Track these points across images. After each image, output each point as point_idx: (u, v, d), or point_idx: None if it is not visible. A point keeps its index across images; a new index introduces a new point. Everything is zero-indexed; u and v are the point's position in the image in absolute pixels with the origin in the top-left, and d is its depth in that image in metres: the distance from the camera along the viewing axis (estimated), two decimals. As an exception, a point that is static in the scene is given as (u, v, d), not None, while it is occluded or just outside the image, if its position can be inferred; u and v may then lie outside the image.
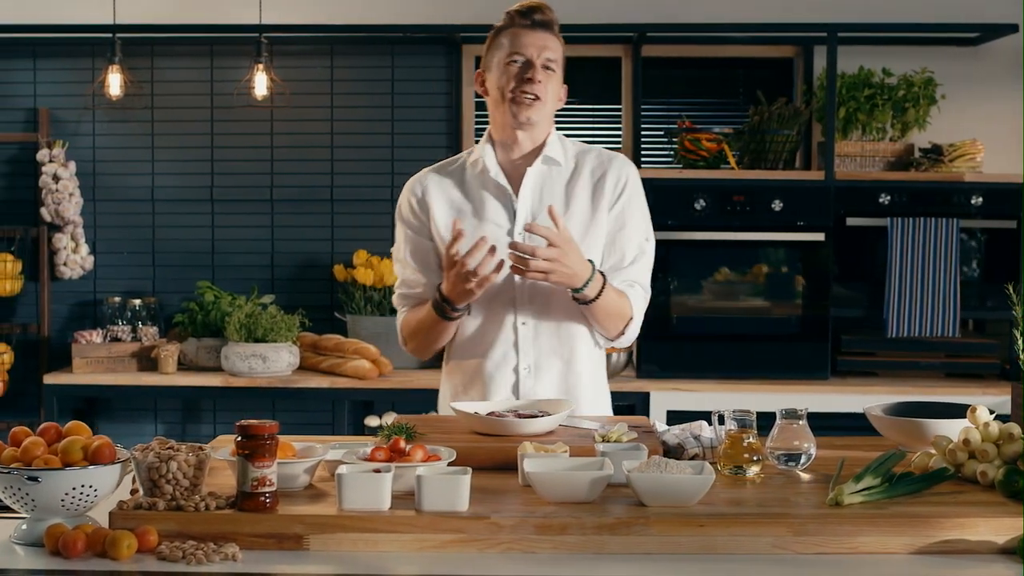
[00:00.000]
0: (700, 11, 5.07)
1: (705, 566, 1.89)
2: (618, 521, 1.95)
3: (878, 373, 4.79)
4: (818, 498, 2.10)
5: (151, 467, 2.04)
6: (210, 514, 1.98)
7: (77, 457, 2.03)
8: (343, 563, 1.91)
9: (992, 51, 5.03)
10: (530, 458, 2.13)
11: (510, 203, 2.75)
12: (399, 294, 2.86)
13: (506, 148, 2.77)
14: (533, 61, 2.67)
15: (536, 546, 1.94)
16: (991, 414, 2.38)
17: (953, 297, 4.58)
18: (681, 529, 1.94)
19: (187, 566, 1.87)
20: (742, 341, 4.70)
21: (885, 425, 2.51)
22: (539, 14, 2.71)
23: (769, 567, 1.89)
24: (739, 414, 2.30)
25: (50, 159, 5.13)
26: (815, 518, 1.97)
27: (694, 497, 2.02)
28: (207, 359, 4.89)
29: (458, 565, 1.90)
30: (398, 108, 5.25)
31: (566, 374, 2.76)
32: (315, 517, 1.97)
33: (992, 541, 1.95)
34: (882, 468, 2.14)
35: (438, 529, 1.95)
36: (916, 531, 1.95)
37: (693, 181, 4.66)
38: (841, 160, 4.80)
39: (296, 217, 5.28)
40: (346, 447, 2.31)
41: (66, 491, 1.98)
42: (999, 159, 4.91)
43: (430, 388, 4.64)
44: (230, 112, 5.23)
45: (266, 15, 5.04)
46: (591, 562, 1.91)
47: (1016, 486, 2.09)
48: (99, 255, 5.29)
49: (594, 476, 2.03)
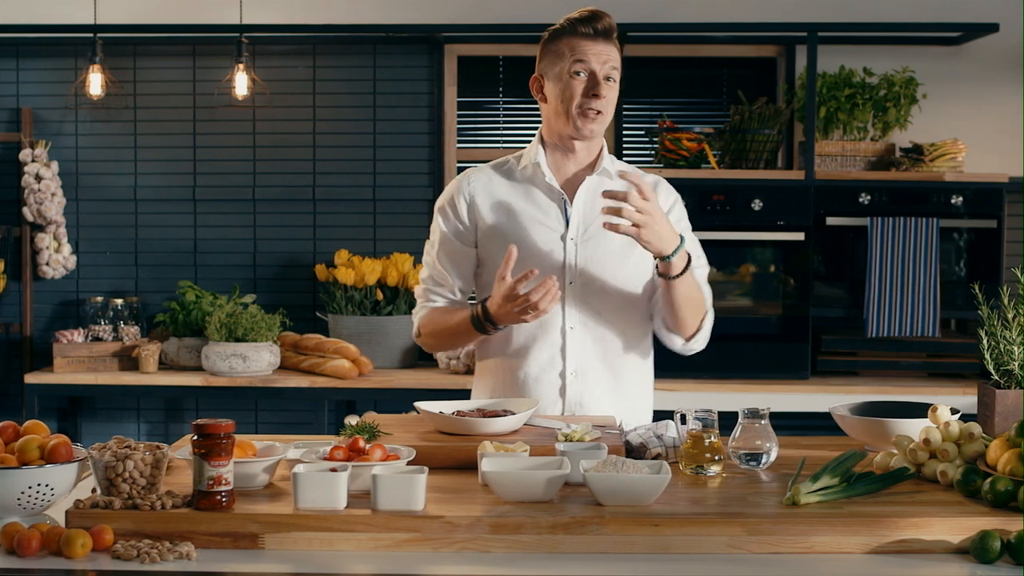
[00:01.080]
0: (681, 11, 5.07)
1: (659, 566, 1.89)
2: (572, 520, 1.95)
3: (859, 373, 4.79)
4: (777, 498, 2.10)
5: (108, 466, 2.04)
6: (166, 513, 1.98)
7: (34, 456, 2.03)
8: (298, 562, 1.91)
9: (974, 50, 5.04)
10: (488, 457, 2.13)
11: (564, 209, 2.72)
12: (423, 288, 2.84)
13: (561, 154, 2.74)
14: (598, 75, 2.63)
15: (491, 545, 1.94)
16: (954, 414, 2.38)
17: (933, 297, 4.58)
18: (636, 529, 1.94)
19: (141, 565, 1.87)
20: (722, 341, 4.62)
21: (850, 425, 2.51)
22: (601, 22, 2.64)
23: (723, 566, 1.89)
24: (701, 414, 2.30)
25: (32, 159, 5.13)
26: (770, 518, 1.97)
27: (650, 497, 2.02)
28: (188, 359, 4.89)
29: (412, 564, 1.90)
30: (380, 108, 5.25)
31: (613, 381, 2.73)
32: (271, 516, 1.97)
33: (947, 541, 1.95)
34: (840, 468, 2.14)
35: (393, 528, 1.95)
36: (871, 531, 1.95)
37: (673, 180, 4.56)
38: (822, 160, 4.80)
39: (278, 217, 5.28)
40: (308, 446, 2.30)
41: (22, 490, 1.98)
42: (981, 158, 4.92)
43: (411, 388, 4.68)
44: (213, 112, 5.23)
45: (248, 15, 5.04)
46: (545, 561, 1.91)
47: (974, 486, 2.09)
48: (82, 255, 5.30)
49: (550, 475, 2.03)
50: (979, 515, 1.98)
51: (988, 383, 2.49)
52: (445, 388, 4.61)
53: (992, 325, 2.47)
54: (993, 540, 1.88)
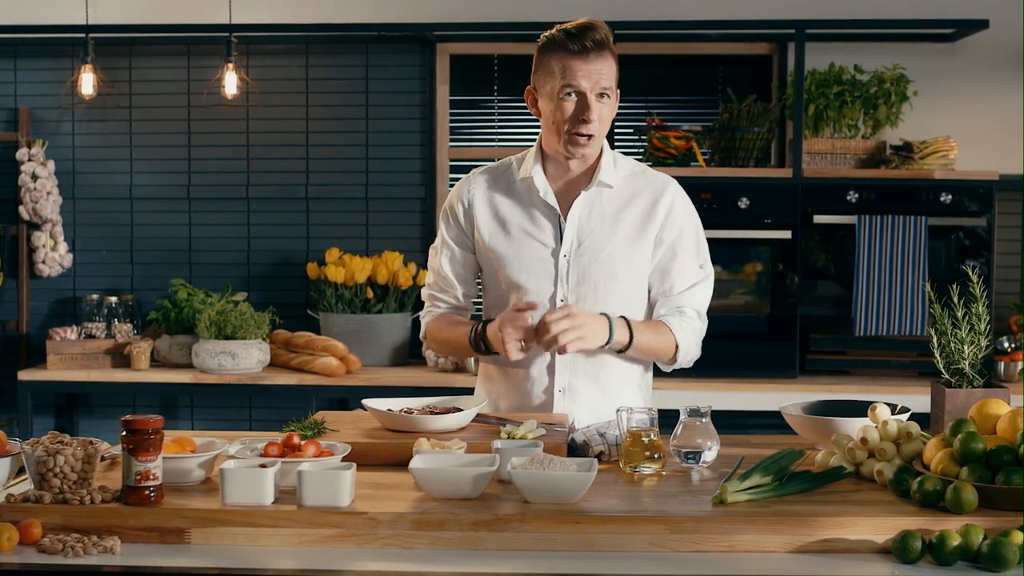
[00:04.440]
0: (671, 9, 5.06)
1: (579, 563, 1.89)
2: (495, 518, 1.95)
3: (848, 372, 4.77)
4: (709, 497, 2.09)
5: (39, 461, 2.06)
6: (94, 507, 2.00)
7: (-33, 451, 2.05)
8: (222, 556, 1.92)
9: (966, 47, 4.99)
10: (420, 454, 2.14)
11: (558, 224, 2.71)
12: (428, 293, 2.86)
13: (557, 166, 2.72)
14: (588, 97, 2.58)
15: (414, 542, 1.95)
16: (903, 412, 2.37)
17: (922, 296, 4.54)
18: (558, 526, 1.94)
19: (65, 559, 1.89)
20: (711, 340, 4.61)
21: (797, 424, 2.49)
22: (590, 38, 2.57)
23: (642, 564, 1.89)
24: (641, 411, 2.30)
25: (29, 158, 5.18)
26: (694, 516, 1.96)
27: (575, 494, 2.02)
28: (179, 356, 4.92)
29: (336, 560, 1.91)
30: (372, 107, 5.26)
31: (600, 398, 2.71)
32: (197, 511, 1.99)
33: (871, 540, 1.93)
34: (774, 467, 2.13)
35: (317, 524, 1.96)
36: (794, 530, 1.94)
37: (661, 179, 4.63)
38: (812, 157, 4.77)
39: (272, 215, 5.30)
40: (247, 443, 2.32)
41: (-46, 484, 2.00)
42: (973, 156, 4.87)
43: (399, 385, 4.69)
44: (207, 111, 5.26)
45: (241, 15, 5.07)
46: (467, 558, 1.91)
47: (906, 485, 2.07)
48: (78, 253, 5.35)
49: (476, 472, 2.04)
50: (906, 515, 1.97)
51: (939, 382, 2.48)
52: (433, 386, 4.62)
53: (943, 324, 2.45)
54: (914, 540, 1.87)
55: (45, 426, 5.29)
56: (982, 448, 2.04)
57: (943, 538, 1.85)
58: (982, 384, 2.42)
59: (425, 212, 5.23)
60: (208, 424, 5.26)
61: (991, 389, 2.39)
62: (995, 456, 2.03)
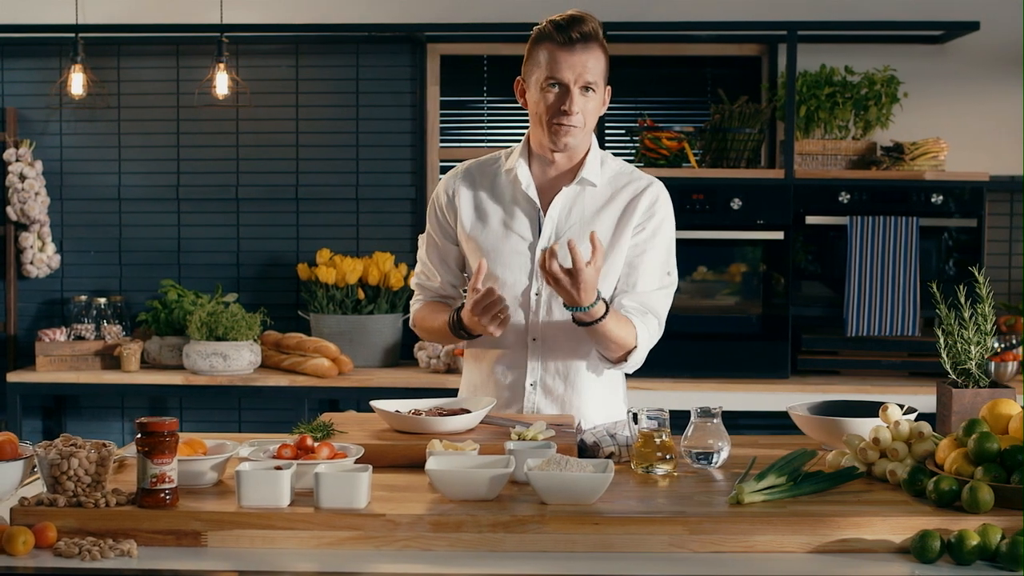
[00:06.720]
0: (662, 10, 5.07)
1: (599, 564, 1.89)
2: (513, 519, 1.95)
3: (840, 372, 4.79)
4: (724, 497, 2.10)
5: (52, 464, 2.04)
6: (109, 510, 1.98)
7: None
8: (239, 559, 1.91)
9: (956, 49, 5.03)
10: (434, 456, 2.13)
11: (537, 218, 2.71)
12: (416, 282, 2.90)
13: (542, 162, 2.72)
14: (571, 88, 2.57)
15: (432, 544, 1.95)
16: (910, 413, 2.38)
17: (913, 296, 4.57)
18: (577, 528, 1.94)
19: (82, 562, 1.88)
20: (701, 340, 4.69)
21: (805, 424, 2.51)
22: (577, 30, 2.56)
23: (662, 564, 1.89)
24: (653, 412, 2.30)
25: (17, 158, 5.14)
26: (712, 517, 1.97)
27: (592, 495, 2.02)
28: (170, 357, 4.90)
29: (353, 562, 1.90)
30: (363, 107, 5.25)
31: (570, 395, 2.72)
32: (213, 514, 1.98)
33: (889, 540, 1.94)
34: (788, 467, 2.14)
35: (335, 526, 1.95)
36: (813, 530, 1.95)
37: (653, 180, 4.64)
38: (803, 158, 4.80)
39: (262, 216, 5.28)
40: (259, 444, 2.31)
41: (-34, 488, 1.98)
42: (964, 157, 4.90)
43: (392, 386, 4.68)
44: (196, 112, 5.24)
45: (231, 14, 5.04)
46: (486, 560, 1.91)
47: (920, 485, 2.08)
48: (66, 254, 5.31)
49: (493, 474, 2.03)
50: (923, 515, 1.98)
51: (946, 382, 2.49)
52: (425, 387, 4.62)
53: (949, 324, 2.47)
54: (933, 540, 1.88)
55: (34, 428, 5.25)
56: (997, 448, 2.05)
57: (962, 538, 1.86)
58: (988, 384, 2.43)
59: (416, 212, 5.22)
60: (199, 426, 5.23)
61: (998, 389, 2.41)
62: (1010, 456, 2.04)
